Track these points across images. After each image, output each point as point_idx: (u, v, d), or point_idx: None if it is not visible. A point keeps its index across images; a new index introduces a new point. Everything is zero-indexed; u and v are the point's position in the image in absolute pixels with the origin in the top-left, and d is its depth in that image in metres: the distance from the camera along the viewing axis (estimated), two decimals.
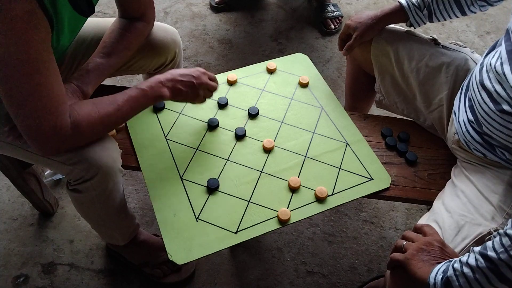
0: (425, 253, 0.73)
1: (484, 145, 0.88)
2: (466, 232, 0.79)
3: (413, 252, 0.74)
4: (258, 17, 2.07)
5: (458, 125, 0.94)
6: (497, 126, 0.82)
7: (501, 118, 0.80)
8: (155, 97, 0.90)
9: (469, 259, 0.66)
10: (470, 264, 0.65)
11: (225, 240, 0.89)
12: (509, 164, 0.86)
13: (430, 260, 0.72)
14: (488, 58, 0.86)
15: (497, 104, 0.80)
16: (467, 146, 0.92)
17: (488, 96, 0.82)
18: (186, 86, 0.94)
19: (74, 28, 0.88)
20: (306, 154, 1.04)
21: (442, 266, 0.69)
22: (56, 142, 0.79)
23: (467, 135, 0.90)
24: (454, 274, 0.66)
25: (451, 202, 0.87)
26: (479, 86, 0.85)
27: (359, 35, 1.09)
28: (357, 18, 1.10)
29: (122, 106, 0.86)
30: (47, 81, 0.73)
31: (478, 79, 0.86)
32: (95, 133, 0.86)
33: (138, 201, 1.43)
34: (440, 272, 0.68)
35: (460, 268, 0.66)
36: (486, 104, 0.82)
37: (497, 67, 0.80)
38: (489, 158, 0.89)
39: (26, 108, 0.73)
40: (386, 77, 1.11)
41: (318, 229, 1.38)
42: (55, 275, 1.27)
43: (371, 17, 1.08)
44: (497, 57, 0.81)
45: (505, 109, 0.78)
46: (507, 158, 0.85)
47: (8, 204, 1.42)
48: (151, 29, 1.07)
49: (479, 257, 0.65)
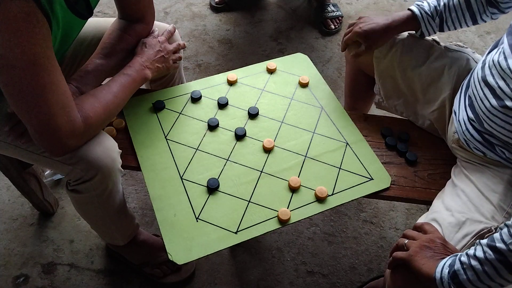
0: (428, 250, 0.73)
1: (484, 144, 0.88)
2: (467, 229, 0.79)
3: (416, 249, 0.74)
4: (258, 17, 2.07)
5: (458, 124, 0.94)
6: (499, 123, 0.82)
7: (504, 114, 0.80)
8: (141, 80, 0.98)
9: (477, 251, 0.66)
10: (478, 256, 0.65)
11: (225, 240, 0.89)
12: (509, 163, 0.86)
13: (433, 256, 0.72)
14: (490, 55, 0.86)
15: (500, 100, 0.80)
16: (467, 145, 0.92)
17: (491, 93, 0.82)
18: (161, 62, 1.03)
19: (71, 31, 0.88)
20: (306, 154, 1.04)
21: (447, 260, 0.69)
22: (70, 137, 0.79)
23: (467, 133, 0.90)
24: (461, 267, 0.66)
25: (451, 202, 0.87)
26: (481, 83, 0.85)
27: (370, 45, 1.06)
28: (367, 26, 1.04)
29: (118, 93, 0.91)
30: (55, 78, 0.74)
31: (480, 76, 0.86)
32: (100, 124, 0.87)
33: (138, 201, 1.43)
34: (447, 266, 0.68)
35: (468, 261, 0.66)
36: (488, 100, 0.82)
37: (501, 62, 0.79)
38: (488, 157, 0.89)
39: (39, 107, 0.73)
40: (387, 79, 1.11)
41: (318, 229, 1.38)
42: (55, 275, 1.27)
43: (382, 27, 1.03)
44: (500, 52, 0.81)
45: (508, 105, 0.78)
46: (507, 156, 0.85)
47: (8, 204, 1.42)
48: (151, 30, 1.07)
49: (488, 249, 0.65)
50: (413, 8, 1.02)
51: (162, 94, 1.15)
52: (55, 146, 0.79)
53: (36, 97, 0.72)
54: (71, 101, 0.78)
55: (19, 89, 0.71)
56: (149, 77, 1.00)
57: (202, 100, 1.14)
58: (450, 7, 0.99)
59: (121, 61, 1.00)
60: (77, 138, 0.82)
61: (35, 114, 0.74)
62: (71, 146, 0.82)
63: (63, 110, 0.76)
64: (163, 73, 1.07)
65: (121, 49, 1.00)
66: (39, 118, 0.75)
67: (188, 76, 1.81)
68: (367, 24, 1.05)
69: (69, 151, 0.83)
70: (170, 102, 1.13)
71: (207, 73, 1.82)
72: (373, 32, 1.04)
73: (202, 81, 1.19)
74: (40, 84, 0.71)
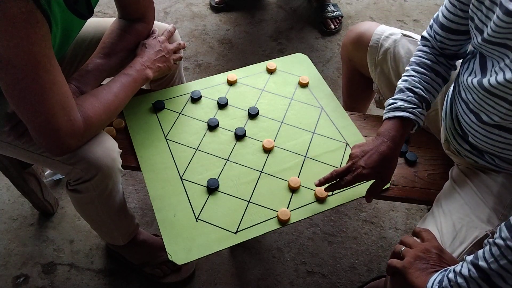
0: (423, 261, 0.73)
1: (473, 152, 0.86)
2: (464, 236, 0.79)
3: (411, 260, 0.73)
4: (258, 17, 2.07)
5: (445, 132, 0.93)
6: (480, 137, 0.80)
7: (483, 129, 0.78)
8: (142, 80, 0.97)
9: (462, 268, 0.66)
10: (463, 274, 0.65)
11: (225, 240, 0.89)
12: (499, 169, 0.85)
13: (427, 269, 0.72)
14: (462, 70, 0.84)
15: (476, 115, 0.78)
16: (458, 153, 0.92)
17: (467, 108, 0.81)
18: (162, 61, 1.03)
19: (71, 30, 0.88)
20: (306, 154, 1.04)
21: (438, 276, 0.69)
22: (71, 137, 0.79)
23: (455, 143, 0.89)
24: (449, 284, 0.66)
25: (448, 204, 0.87)
26: (458, 98, 0.84)
27: (385, 177, 0.88)
28: (371, 161, 0.85)
29: (118, 93, 0.90)
30: (55, 78, 0.74)
31: (457, 90, 0.85)
32: (101, 124, 0.87)
33: (138, 201, 1.43)
34: (436, 282, 0.68)
35: (454, 278, 0.66)
36: (468, 116, 0.81)
37: (468, 80, 0.78)
38: (480, 164, 0.88)
39: (40, 107, 0.73)
40: (381, 79, 1.11)
41: (318, 229, 1.38)
42: (55, 275, 1.27)
43: (386, 151, 0.85)
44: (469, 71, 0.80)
45: (484, 120, 0.77)
46: (497, 163, 0.83)
47: (8, 204, 1.42)
48: (151, 29, 1.07)
49: (471, 267, 0.64)
50: (391, 114, 0.86)
51: (162, 94, 1.15)
52: (55, 146, 0.79)
53: (36, 97, 0.72)
54: (71, 101, 0.78)
55: (20, 89, 0.71)
56: (150, 77, 1.00)
57: (202, 100, 1.14)
58: (426, 88, 0.88)
59: (121, 61, 1.00)
60: (77, 138, 0.82)
61: (35, 114, 0.74)
62: (71, 146, 0.82)
63: (63, 110, 0.76)
64: (164, 73, 1.07)
65: (121, 48, 1.00)
66: (39, 118, 0.74)
67: (188, 76, 1.81)
68: (368, 158, 0.85)
69: (69, 151, 0.83)
70: (170, 102, 1.13)
71: (207, 73, 1.82)
72: (382, 164, 0.85)
73: (202, 81, 1.19)
74: (41, 84, 0.71)
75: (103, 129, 0.95)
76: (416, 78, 0.88)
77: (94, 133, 0.88)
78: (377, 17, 2.09)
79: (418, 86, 0.87)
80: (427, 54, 0.90)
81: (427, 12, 2.12)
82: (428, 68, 0.89)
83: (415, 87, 0.87)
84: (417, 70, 0.89)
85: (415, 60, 0.91)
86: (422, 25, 2.05)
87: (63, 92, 0.76)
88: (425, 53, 0.91)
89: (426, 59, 0.90)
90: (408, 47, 1.05)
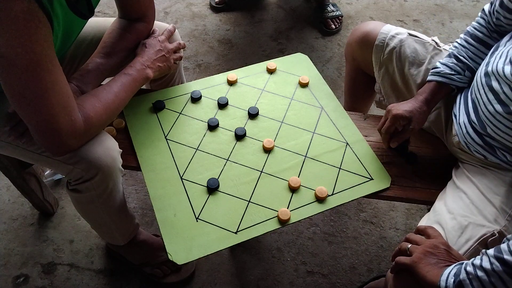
0: (432, 256, 0.72)
1: (484, 147, 0.87)
2: (470, 234, 0.79)
3: (420, 255, 0.73)
4: (258, 17, 2.07)
5: (458, 126, 0.93)
6: (503, 128, 0.81)
7: (508, 120, 0.79)
8: (142, 79, 0.97)
9: (483, 262, 0.66)
10: (485, 267, 0.65)
11: (225, 240, 0.89)
12: (510, 166, 0.86)
13: (437, 263, 0.71)
14: (493, 60, 0.85)
15: (505, 106, 0.79)
16: (468, 148, 0.92)
17: (496, 98, 0.81)
18: (162, 61, 1.03)
19: (72, 30, 0.88)
20: (306, 154, 1.04)
21: (453, 269, 0.69)
22: (71, 137, 0.79)
23: (468, 137, 0.90)
24: (467, 277, 0.66)
25: (453, 204, 0.87)
26: (486, 87, 0.84)
27: (417, 128, 0.97)
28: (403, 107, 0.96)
29: (119, 93, 0.90)
30: (56, 78, 0.74)
31: (484, 81, 0.85)
32: (101, 124, 0.87)
33: (138, 201, 1.43)
34: (452, 275, 0.68)
35: (474, 271, 0.65)
36: (493, 106, 0.82)
37: (505, 69, 0.78)
38: (489, 160, 0.88)
39: (40, 107, 0.73)
40: (385, 78, 1.11)
41: (318, 229, 1.38)
42: (55, 275, 1.27)
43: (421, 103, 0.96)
44: (504, 59, 0.81)
45: None
46: (508, 160, 0.84)
47: (8, 204, 1.42)
48: (151, 29, 1.07)
49: (495, 261, 0.64)
50: (433, 78, 0.97)
51: (162, 94, 1.15)
52: (56, 145, 0.79)
53: (37, 96, 0.72)
54: (72, 101, 0.78)
55: (20, 89, 0.71)
56: (151, 77, 1.00)
57: (202, 100, 1.14)
58: (471, 57, 0.96)
59: (121, 60, 1.00)
60: (78, 138, 0.82)
61: (36, 114, 0.74)
62: (72, 146, 0.82)
63: (64, 110, 0.76)
64: (165, 72, 1.07)
65: (121, 48, 1.00)
66: (40, 118, 0.74)
67: (188, 76, 1.81)
68: (401, 105, 0.97)
69: (69, 151, 0.83)
70: (170, 102, 1.13)
71: (207, 73, 1.82)
72: (414, 112, 0.95)
73: (202, 81, 1.19)
74: (42, 83, 0.71)
75: (104, 129, 0.95)
76: (464, 49, 0.97)
77: (94, 133, 0.88)
78: (377, 17, 2.09)
79: (463, 55, 0.96)
80: (481, 27, 0.96)
81: (427, 12, 2.12)
82: (478, 40, 0.96)
83: (460, 55, 0.96)
84: (468, 40, 0.97)
85: (470, 31, 0.98)
86: (422, 25, 2.05)
87: (64, 92, 0.76)
88: (479, 26, 0.97)
89: (479, 32, 0.96)
90: (414, 47, 1.05)
